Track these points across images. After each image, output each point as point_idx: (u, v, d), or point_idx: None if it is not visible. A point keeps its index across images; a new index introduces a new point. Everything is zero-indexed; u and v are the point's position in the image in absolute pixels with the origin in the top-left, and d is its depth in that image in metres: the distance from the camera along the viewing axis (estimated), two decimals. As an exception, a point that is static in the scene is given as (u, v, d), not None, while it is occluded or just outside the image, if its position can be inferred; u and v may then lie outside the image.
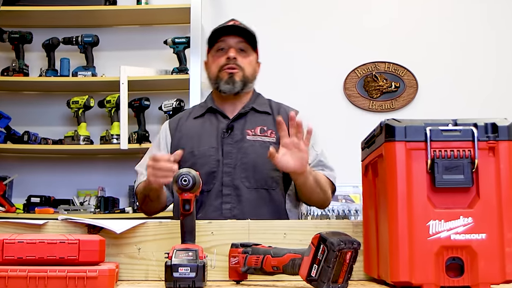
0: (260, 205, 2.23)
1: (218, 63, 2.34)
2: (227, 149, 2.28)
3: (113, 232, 1.60)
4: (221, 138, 2.30)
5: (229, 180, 2.25)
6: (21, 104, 4.31)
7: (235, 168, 2.26)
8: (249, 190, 2.24)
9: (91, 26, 4.29)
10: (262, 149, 2.24)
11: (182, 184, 1.44)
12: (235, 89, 2.32)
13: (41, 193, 4.08)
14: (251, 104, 2.39)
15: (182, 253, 1.39)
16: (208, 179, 2.23)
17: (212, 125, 2.36)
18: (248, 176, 2.25)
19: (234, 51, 2.32)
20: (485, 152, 1.25)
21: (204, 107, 2.43)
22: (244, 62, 2.34)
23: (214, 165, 2.26)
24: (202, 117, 2.41)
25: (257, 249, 1.45)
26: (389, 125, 1.26)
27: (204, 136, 2.33)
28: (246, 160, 2.26)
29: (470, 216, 1.22)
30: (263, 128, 2.32)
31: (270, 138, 2.30)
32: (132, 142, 3.98)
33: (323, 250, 1.25)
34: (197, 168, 2.18)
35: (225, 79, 2.32)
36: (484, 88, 4.21)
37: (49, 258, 1.35)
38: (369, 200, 1.47)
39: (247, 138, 2.30)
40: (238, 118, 2.35)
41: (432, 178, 1.24)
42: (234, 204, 2.22)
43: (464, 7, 4.33)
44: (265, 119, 2.36)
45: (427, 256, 1.21)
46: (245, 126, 2.33)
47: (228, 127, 2.32)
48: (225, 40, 2.35)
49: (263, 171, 2.25)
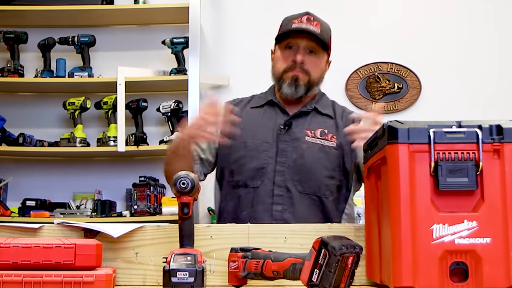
0: (312, 213, 2.15)
1: (284, 63, 2.26)
2: (282, 147, 2.20)
3: (110, 236, 1.60)
4: (277, 134, 2.23)
5: (281, 180, 2.17)
6: (16, 106, 4.31)
7: (289, 169, 2.18)
8: (301, 195, 2.16)
9: (87, 26, 4.29)
10: (320, 153, 2.19)
11: (181, 187, 1.43)
12: (298, 94, 2.25)
13: (36, 197, 4.08)
14: (314, 104, 2.31)
15: (181, 257, 1.39)
16: (256, 175, 2.18)
17: (270, 119, 2.28)
18: (301, 179, 2.17)
19: (302, 54, 2.23)
20: (489, 154, 1.25)
21: (264, 99, 2.35)
22: (312, 65, 2.25)
23: (265, 161, 2.19)
24: (260, 108, 2.33)
25: (257, 254, 1.45)
26: (392, 127, 1.26)
27: (260, 128, 2.25)
28: (301, 162, 2.18)
29: (474, 220, 1.22)
30: (323, 131, 2.24)
31: (330, 142, 2.22)
32: (129, 145, 3.98)
33: (324, 255, 1.25)
34: (247, 161, 2.20)
35: (288, 82, 2.24)
36: (488, 88, 4.22)
37: (45, 262, 1.35)
38: (372, 204, 1.47)
39: (305, 138, 2.21)
40: (298, 116, 2.27)
41: (435, 181, 1.24)
42: (285, 206, 2.15)
43: (468, 8, 4.33)
44: (327, 122, 2.28)
45: (431, 261, 1.21)
46: (305, 126, 2.25)
47: (286, 123, 2.24)
48: (295, 38, 2.25)
49: (318, 177, 2.18)
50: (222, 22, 4.32)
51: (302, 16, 2.29)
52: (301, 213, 2.14)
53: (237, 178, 2.23)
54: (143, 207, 3.97)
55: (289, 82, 2.24)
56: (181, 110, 4.02)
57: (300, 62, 2.23)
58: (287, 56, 2.26)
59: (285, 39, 2.27)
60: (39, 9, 4.11)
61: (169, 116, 4.03)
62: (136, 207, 3.98)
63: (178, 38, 4.06)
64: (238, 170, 2.23)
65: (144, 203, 3.97)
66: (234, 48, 4.31)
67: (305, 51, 2.24)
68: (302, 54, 2.23)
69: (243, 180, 2.21)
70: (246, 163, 2.21)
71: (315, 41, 2.24)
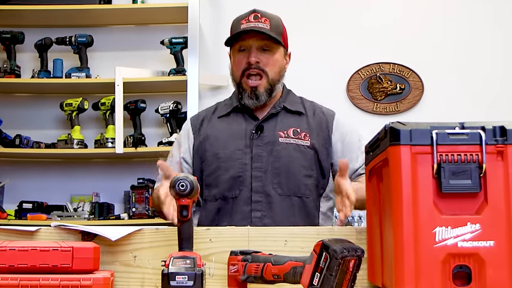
0: (292, 214, 2.15)
1: (240, 67, 2.25)
2: (257, 152, 2.20)
3: (108, 239, 1.60)
4: (249, 139, 2.22)
5: (259, 185, 2.16)
6: (13, 107, 4.31)
7: (266, 173, 2.17)
8: (282, 197, 2.16)
9: (85, 25, 4.29)
10: (296, 153, 2.19)
11: (180, 189, 1.43)
12: (260, 103, 2.25)
13: (33, 199, 4.08)
14: (282, 103, 2.30)
15: (180, 261, 1.39)
16: (234, 184, 2.17)
17: (239, 126, 2.27)
18: (281, 182, 2.17)
19: (255, 54, 2.23)
20: (493, 156, 1.25)
21: (230, 106, 2.34)
22: (268, 63, 2.25)
23: (241, 169, 2.18)
24: (227, 116, 2.32)
25: (257, 257, 1.45)
26: (394, 128, 1.26)
27: (230, 137, 2.25)
28: (279, 164, 2.18)
29: (477, 223, 1.22)
30: (296, 130, 2.24)
31: (304, 141, 2.22)
32: (127, 146, 3.98)
33: (325, 258, 1.25)
34: (221, 172, 2.19)
35: (248, 93, 2.24)
36: (491, 89, 4.22)
37: (42, 266, 1.35)
38: (373, 206, 1.47)
39: (279, 140, 2.21)
40: (268, 118, 2.26)
41: (438, 183, 1.24)
42: (264, 212, 2.14)
43: (470, 7, 4.33)
44: (298, 120, 2.28)
45: (433, 264, 1.21)
46: (277, 127, 2.24)
47: (258, 127, 2.24)
48: (245, 39, 2.25)
49: (297, 177, 2.18)
50: (222, 22, 4.31)
51: (249, 15, 2.28)
52: (281, 216, 2.14)
53: (214, 191, 2.22)
54: (142, 210, 3.97)
55: (249, 93, 2.24)
56: (180, 111, 4.02)
57: (254, 62, 2.22)
58: (241, 59, 2.26)
59: (236, 42, 2.27)
60: (36, 9, 4.11)
61: (168, 117, 4.03)
62: (135, 210, 3.98)
63: (177, 38, 4.06)
64: (214, 183, 2.22)
65: (142, 206, 3.97)
66: (234, 48, 4.31)
67: (258, 50, 2.24)
68: (255, 54, 2.23)
69: (221, 192, 2.20)
70: (221, 175, 2.21)
71: (266, 39, 2.24)
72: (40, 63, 4.15)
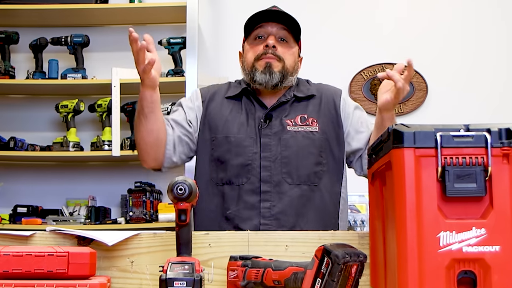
0: (303, 203, 2.16)
1: (255, 52, 2.25)
2: (265, 141, 2.20)
3: (104, 244, 1.60)
4: (258, 128, 2.22)
5: (267, 175, 2.16)
6: (7, 109, 4.32)
7: (275, 162, 2.17)
8: (292, 186, 2.16)
9: (81, 25, 4.30)
10: (304, 140, 2.19)
11: (178, 193, 1.43)
12: (273, 81, 2.22)
13: (28, 203, 4.08)
14: (293, 92, 2.29)
15: (178, 266, 1.39)
16: (241, 172, 2.17)
17: (249, 112, 2.26)
18: (290, 171, 2.17)
19: (274, 38, 2.22)
20: (499, 159, 1.25)
21: (240, 88, 2.32)
22: (285, 52, 2.24)
23: (250, 157, 2.18)
24: (237, 100, 2.30)
25: (257, 262, 1.45)
26: (397, 130, 1.26)
27: (241, 122, 2.24)
28: (287, 153, 2.18)
29: (483, 227, 1.22)
30: (303, 116, 2.24)
31: (312, 127, 2.22)
32: (124, 149, 3.98)
33: (327, 263, 1.25)
34: (231, 157, 2.19)
35: (261, 69, 2.21)
36: (497, 90, 4.22)
37: (37, 271, 1.36)
38: (376, 210, 1.47)
39: (287, 128, 2.21)
40: (277, 106, 2.26)
41: (442, 186, 1.24)
42: (274, 202, 2.14)
43: (476, 7, 4.34)
44: (306, 105, 2.27)
45: (438, 270, 1.21)
46: (285, 116, 2.24)
47: (266, 116, 2.23)
48: (264, 26, 2.24)
49: (306, 166, 2.19)
50: (221, 22, 4.32)
51: (270, 7, 2.30)
52: (291, 207, 2.15)
53: (221, 175, 2.22)
54: (139, 214, 3.97)
55: (262, 69, 2.22)
56: (178, 113, 4.02)
57: (272, 45, 2.21)
58: (257, 44, 2.26)
59: (254, 29, 2.26)
60: (31, 8, 4.11)
61: (165, 119, 4.02)
62: (132, 214, 3.98)
63: (175, 38, 4.07)
64: (222, 166, 2.22)
65: (139, 210, 3.97)
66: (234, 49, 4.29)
67: (276, 38, 2.24)
68: (273, 38, 2.23)
69: (227, 178, 2.20)
70: (230, 159, 2.21)
71: (285, 29, 2.25)
72: (35, 63, 4.15)
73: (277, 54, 2.22)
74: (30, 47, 4.15)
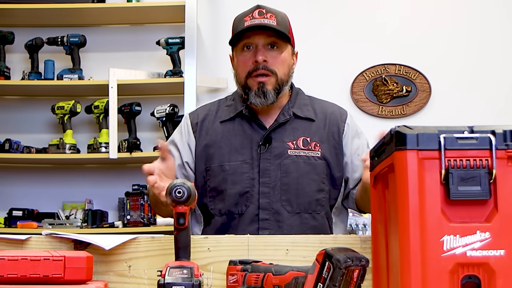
0: (302, 231, 2.08)
1: (245, 67, 2.18)
2: (265, 166, 2.14)
3: (101, 248, 1.60)
4: (257, 152, 2.16)
5: (266, 202, 2.11)
6: (2, 110, 4.32)
7: (274, 189, 2.12)
8: (291, 215, 2.11)
9: (77, 25, 4.30)
10: (306, 167, 2.14)
11: (176, 196, 1.43)
12: (268, 102, 2.16)
13: (23, 206, 4.08)
14: (291, 109, 2.23)
15: (176, 270, 1.39)
16: (240, 200, 2.13)
17: (245, 135, 2.20)
18: (290, 199, 2.12)
19: (262, 52, 2.16)
20: (503, 161, 1.24)
21: (234, 110, 2.26)
22: (276, 62, 2.17)
23: (248, 184, 2.13)
24: (231, 121, 2.24)
25: (257, 267, 1.45)
26: (400, 132, 1.26)
27: (236, 147, 2.19)
28: (287, 180, 2.13)
29: (487, 231, 1.22)
30: (306, 139, 2.18)
31: (314, 152, 2.17)
32: (122, 151, 3.98)
33: (328, 268, 1.25)
34: (228, 186, 2.14)
35: (255, 90, 2.16)
36: (502, 91, 4.22)
37: (32, 276, 1.36)
38: (379, 214, 1.47)
39: (288, 152, 2.15)
40: (276, 127, 2.19)
41: (446, 189, 1.24)
42: (272, 230, 2.09)
43: (480, 6, 4.34)
44: (309, 126, 2.21)
45: (441, 274, 1.21)
46: (285, 137, 2.18)
47: (266, 139, 2.17)
48: (251, 36, 2.18)
49: (307, 193, 2.14)
50: (220, 22, 4.32)
51: (253, 11, 2.22)
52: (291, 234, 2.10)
53: (219, 206, 2.17)
54: (137, 217, 3.97)
55: (256, 91, 2.16)
56: (177, 114, 4.02)
57: (262, 61, 2.16)
58: (247, 58, 2.19)
59: (240, 40, 2.20)
60: (27, 8, 4.11)
61: (164, 121, 4.02)
62: (129, 217, 3.98)
63: (174, 38, 4.07)
64: (220, 196, 2.17)
65: (137, 213, 3.97)
66: (233, 49, 4.32)
67: (265, 48, 2.18)
68: (262, 52, 2.16)
69: (227, 208, 2.16)
70: (228, 189, 2.16)
71: (273, 35, 2.18)
72: (30, 64, 4.15)
73: (269, 69, 2.16)
74: (25, 47, 4.15)
